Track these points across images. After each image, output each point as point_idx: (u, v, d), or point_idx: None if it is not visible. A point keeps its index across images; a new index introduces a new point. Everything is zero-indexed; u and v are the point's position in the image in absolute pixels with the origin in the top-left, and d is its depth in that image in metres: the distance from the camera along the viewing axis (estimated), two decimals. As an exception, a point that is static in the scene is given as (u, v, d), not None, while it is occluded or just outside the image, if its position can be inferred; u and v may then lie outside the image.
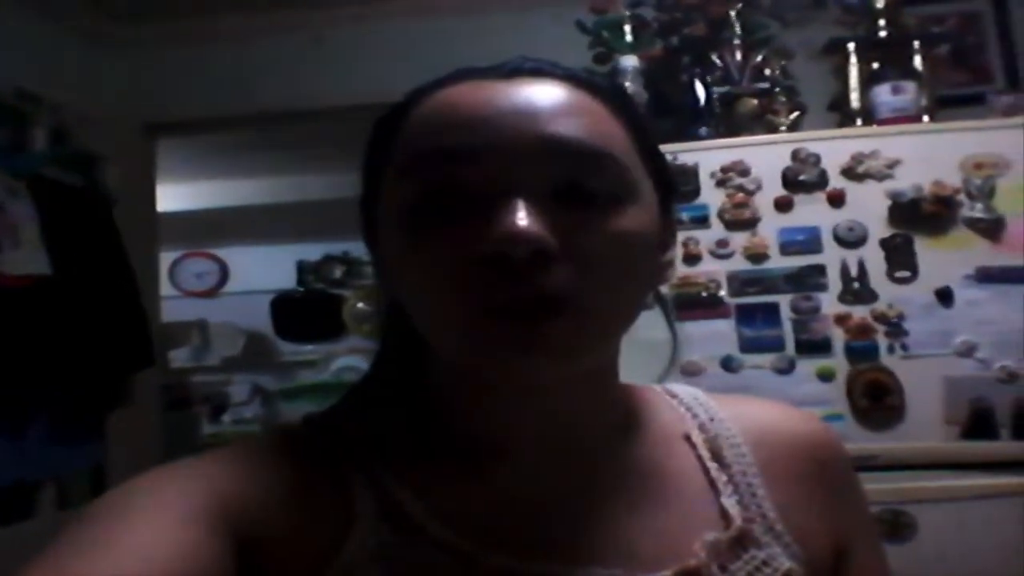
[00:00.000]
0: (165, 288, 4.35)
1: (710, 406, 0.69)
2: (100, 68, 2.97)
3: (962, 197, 2.01)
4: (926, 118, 2.24)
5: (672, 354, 0.74)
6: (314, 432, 0.61)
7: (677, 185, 0.66)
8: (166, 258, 4.91)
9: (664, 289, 0.72)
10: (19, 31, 2.58)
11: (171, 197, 3.95)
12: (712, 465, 0.64)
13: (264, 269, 5.36)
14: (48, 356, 2.31)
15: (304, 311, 5.13)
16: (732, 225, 2.10)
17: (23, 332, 2.24)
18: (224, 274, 5.61)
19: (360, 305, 4.90)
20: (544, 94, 0.56)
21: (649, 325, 2.09)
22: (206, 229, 5.21)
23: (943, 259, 2.02)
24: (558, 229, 0.52)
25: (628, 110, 0.61)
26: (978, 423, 1.96)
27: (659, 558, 0.57)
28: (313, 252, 5.30)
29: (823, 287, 2.06)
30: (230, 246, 5.58)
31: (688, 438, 0.66)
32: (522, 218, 0.51)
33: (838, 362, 2.03)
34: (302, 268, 5.30)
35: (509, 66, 0.59)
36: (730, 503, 0.61)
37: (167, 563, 0.47)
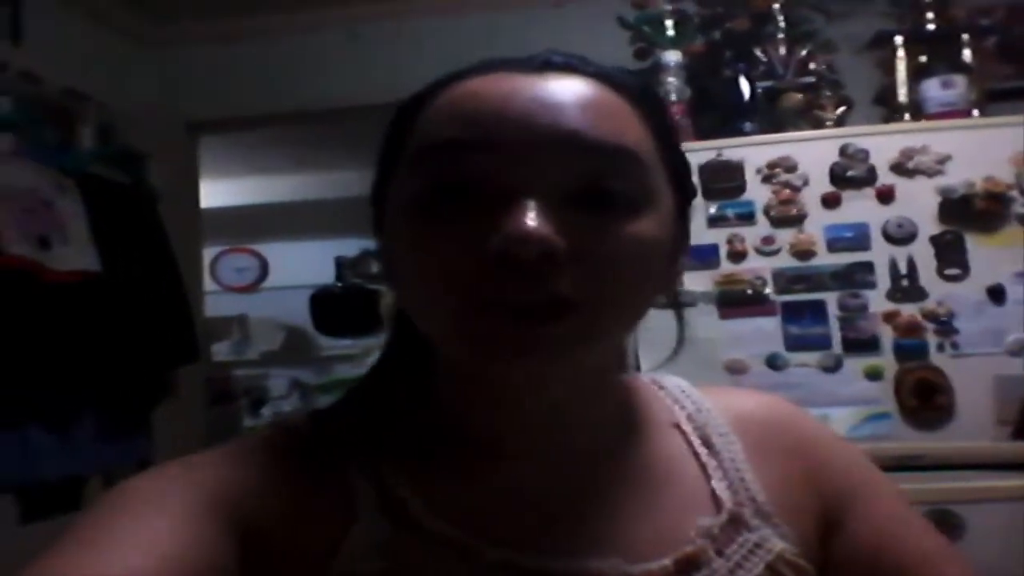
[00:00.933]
0: (206, 283, 4.40)
1: (696, 396, 0.69)
2: (144, 67, 3.02)
3: (1015, 193, 1.98)
4: (975, 112, 2.20)
5: (673, 351, 0.71)
6: (317, 428, 0.61)
7: (695, 191, 0.65)
8: (207, 254, 4.96)
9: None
10: (65, 32, 2.62)
11: (212, 193, 3.99)
12: (703, 451, 0.64)
13: (303, 264, 5.39)
14: (96, 351, 2.34)
15: (342, 306, 5.16)
16: (778, 222, 2.09)
17: (72, 328, 2.27)
18: (264, 269, 5.67)
19: (398, 300, 4.91)
20: (568, 90, 0.54)
21: (692, 324, 2.06)
22: (246, 225, 5.26)
23: (995, 256, 1.99)
24: (570, 231, 0.50)
25: (655, 111, 0.59)
26: (1030, 423, 1.93)
27: (657, 546, 0.57)
28: (351, 247, 5.32)
29: (871, 284, 2.04)
30: (270, 242, 5.63)
31: (678, 426, 0.66)
32: (532, 218, 0.49)
33: (886, 361, 2.01)
34: (340, 263, 5.32)
35: (538, 59, 0.56)
36: (720, 487, 0.62)
37: (170, 559, 0.47)
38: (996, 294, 1.97)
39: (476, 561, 0.54)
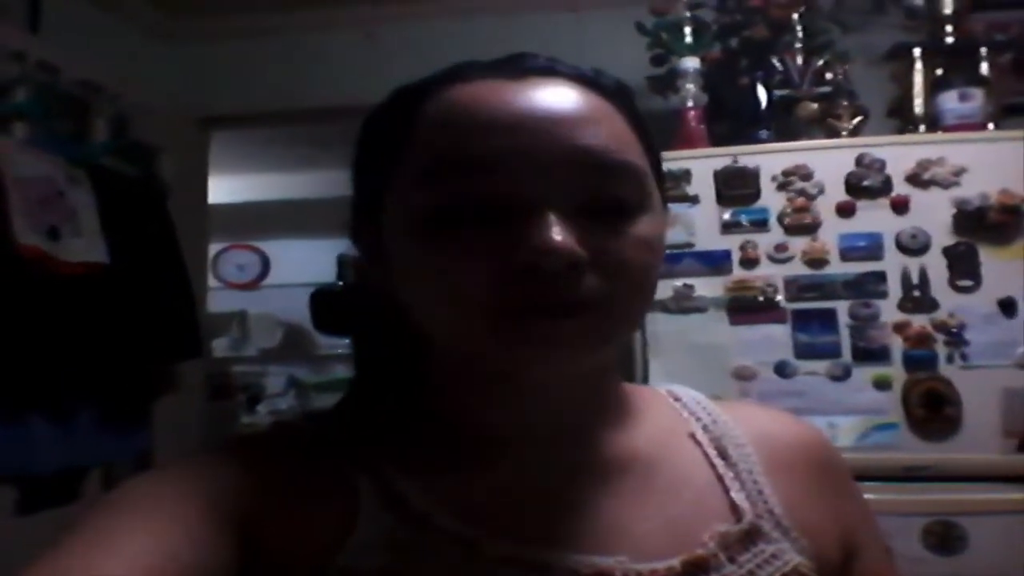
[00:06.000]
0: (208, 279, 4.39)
1: (713, 409, 0.70)
2: (158, 62, 3.01)
3: (1029, 207, 1.99)
4: (991, 126, 2.21)
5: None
6: (316, 427, 0.62)
7: (665, 176, 0.67)
8: (209, 250, 4.95)
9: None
10: (82, 25, 2.62)
11: (216, 189, 3.99)
12: (719, 461, 0.65)
13: (305, 262, 5.38)
14: (101, 343, 2.33)
15: (343, 304, 5.13)
16: (792, 229, 2.09)
17: (78, 319, 2.26)
18: (265, 266, 5.66)
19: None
20: (562, 99, 0.56)
21: (702, 330, 2.07)
22: (249, 222, 5.25)
23: (1007, 269, 2.00)
24: (588, 240, 0.53)
25: (632, 110, 0.61)
26: (1037, 436, 1.93)
27: (667, 547, 0.57)
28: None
29: (883, 294, 2.04)
30: (272, 239, 5.62)
31: (693, 436, 0.67)
32: (556, 232, 0.52)
33: (895, 370, 2.02)
34: (342, 262, 5.31)
35: (519, 66, 0.59)
36: (739, 498, 0.62)
37: (172, 559, 0.48)
38: (1007, 307, 1.98)
39: (480, 555, 0.54)
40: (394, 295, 0.60)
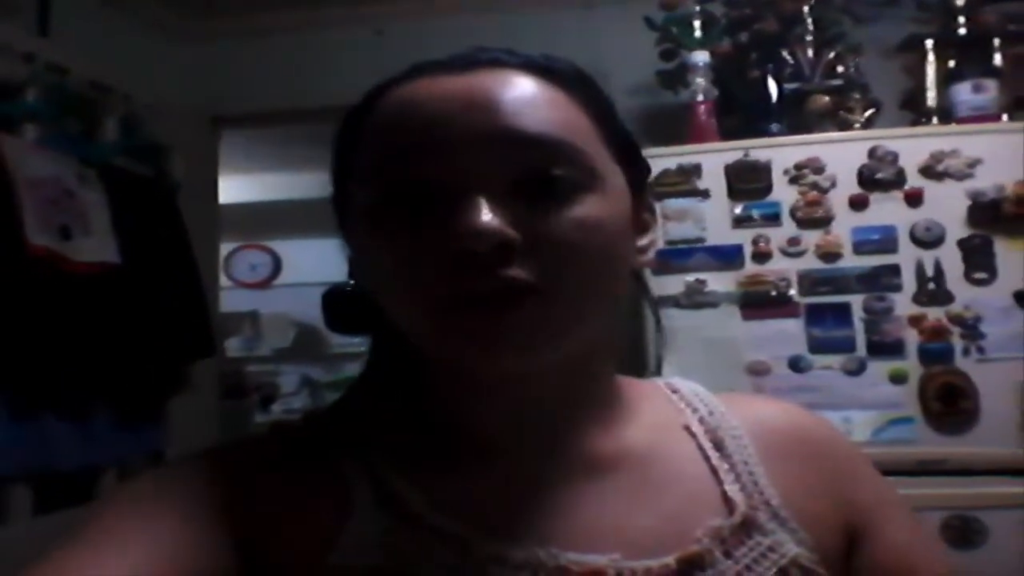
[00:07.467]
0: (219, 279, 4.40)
1: (710, 400, 0.69)
2: (168, 61, 3.02)
3: (1045, 198, 1.97)
4: (1005, 117, 2.19)
5: (659, 345, 0.75)
6: (314, 427, 0.63)
7: (648, 166, 0.66)
8: (221, 249, 4.97)
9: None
10: (93, 25, 2.63)
11: (227, 189, 4.00)
12: (713, 453, 0.64)
13: (317, 262, 5.40)
14: (114, 343, 2.34)
15: (354, 304, 5.14)
16: (804, 223, 2.08)
17: (90, 319, 2.27)
18: (277, 266, 5.67)
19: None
20: (500, 85, 0.56)
21: (714, 325, 2.05)
22: (261, 221, 5.27)
23: (1023, 261, 1.98)
24: (520, 221, 0.52)
25: (590, 93, 0.60)
26: (1056, 429, 1.91)
27: (660, 543, 0.57)
28: (365, 246, 5.31)
29: (897, 288, 2.03)
30: (284, 239, 5.64)
31: (688, 428, 0.66)
32: (484, 213, 0.51)
33: (911, 364, 2.01)
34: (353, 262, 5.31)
35: (466, 58, 0.58)
36: (732, 490, 0.61)
37: (171, 560, 0.49)
38: (1023, 299, 1.96)
39: (471, 554, 0.54)
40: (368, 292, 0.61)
